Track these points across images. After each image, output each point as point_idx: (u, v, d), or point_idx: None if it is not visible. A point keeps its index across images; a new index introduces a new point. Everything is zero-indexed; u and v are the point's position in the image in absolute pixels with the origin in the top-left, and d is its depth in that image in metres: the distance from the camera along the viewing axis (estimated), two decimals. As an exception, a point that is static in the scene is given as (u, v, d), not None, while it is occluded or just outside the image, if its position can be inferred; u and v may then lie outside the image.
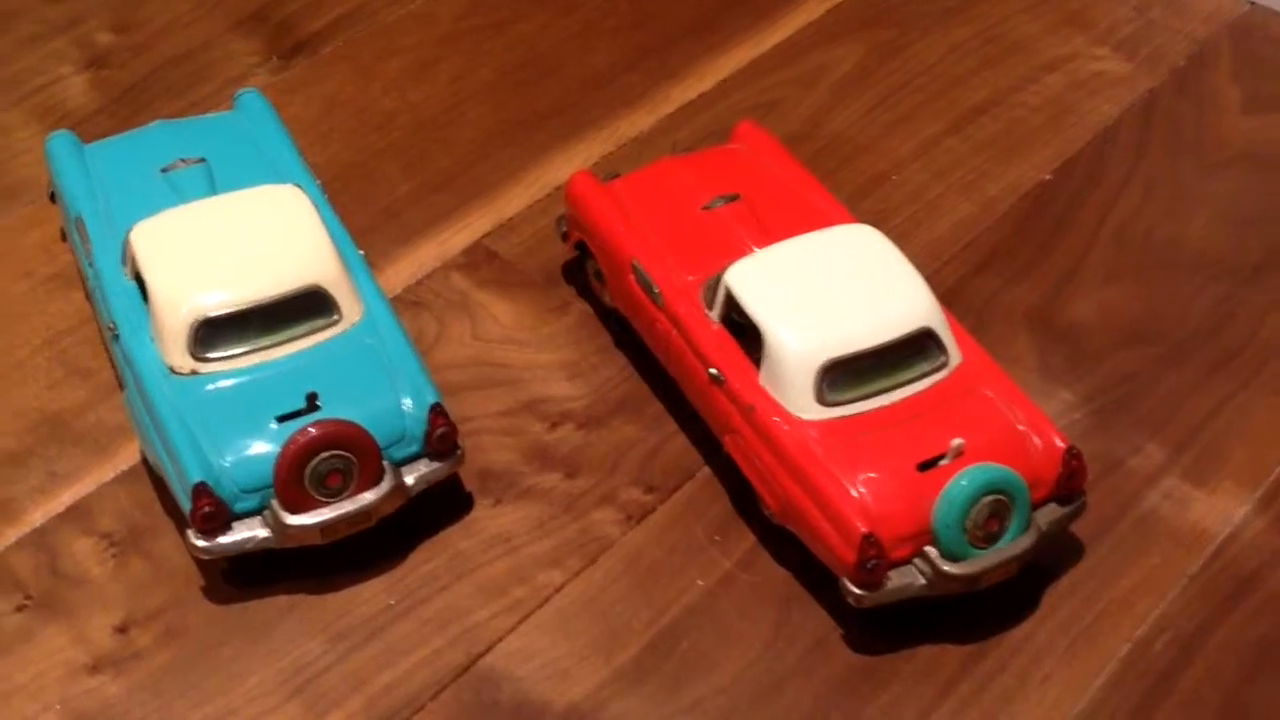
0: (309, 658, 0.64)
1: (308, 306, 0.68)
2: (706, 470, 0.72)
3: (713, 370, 0.68)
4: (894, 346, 0.65)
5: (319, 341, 0.68)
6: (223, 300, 0.66)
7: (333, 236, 0.71)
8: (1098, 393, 0.76)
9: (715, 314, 0.69)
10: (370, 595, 0.66)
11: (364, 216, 0.85)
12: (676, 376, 0.73)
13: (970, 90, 0.95)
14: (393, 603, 0.66)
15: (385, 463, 0.66)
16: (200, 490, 0.63)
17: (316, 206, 0.73)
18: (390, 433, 0.66)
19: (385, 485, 0.65)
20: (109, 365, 0.75)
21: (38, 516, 0.69)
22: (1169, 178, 0.88)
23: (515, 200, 0.87)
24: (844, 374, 0.65)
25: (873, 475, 0.63)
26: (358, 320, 0.69)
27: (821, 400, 0.65)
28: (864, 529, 0.61)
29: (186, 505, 0.63)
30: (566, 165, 0.88)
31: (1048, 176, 0.88)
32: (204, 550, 0.64)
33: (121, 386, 0.70)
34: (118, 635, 0.65)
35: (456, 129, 0.92)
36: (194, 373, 0.66)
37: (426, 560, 0.68)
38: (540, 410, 0.75)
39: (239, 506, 0.64)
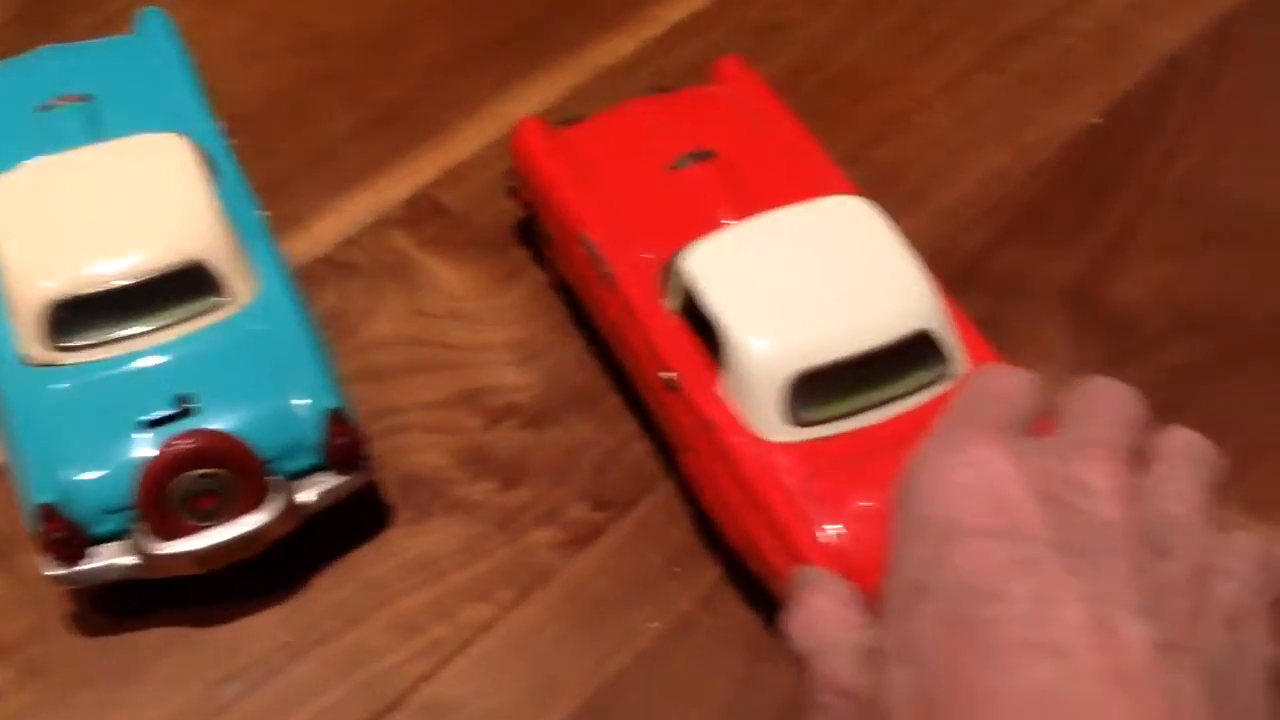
0: (184, 706, 0.56)
1: (187, 286, 0.59)
2: (670, 484, 0.63)
3: (666, 374, 0.58)
4: (883, 353, 0.56)
5: (199, 328, 0.59)
6: (82, 278, 0.57)
7: (227, 196, 0.62)
8: (1144, 394, 0.66)
9: (673, 303, 0.59)
10: (263, 631, 0.58)
11: (290, 158, 0.76)
12: (630, 373, 0.63)
13: (1011, 11, 0.83)
14: (289, 640, 0.58)
15: (272, 479, 0.57)
16: (48, 513, 0.54)
17: (210, 159, 0.64)
18: (280, 442, 0.57)
19: (271, 507, 0.57)
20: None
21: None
22: (1247, 123, 0.77)
23: (469, 141, 0.77)
24: (821, 387, 0.55)
25: (854, 514, 0.54)
26: (249, 302, 0.60)
27: (793, 419, 0.56)
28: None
29: (33, 528, 0.54)
30: (529, 100, 0.78)
31: (1097, 120, 0.78)
32: (58, 579, 0.55)
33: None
34: (-37, 673, 0.57)
35: (405, 53, 0.82)
36: (50, 364, 0.58)
37: (332, 589, 0.60)
38: (480, 402, 0.66)
39: (98, 529, 0.55)
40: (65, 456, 0.55)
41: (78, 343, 0.58)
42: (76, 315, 0.57)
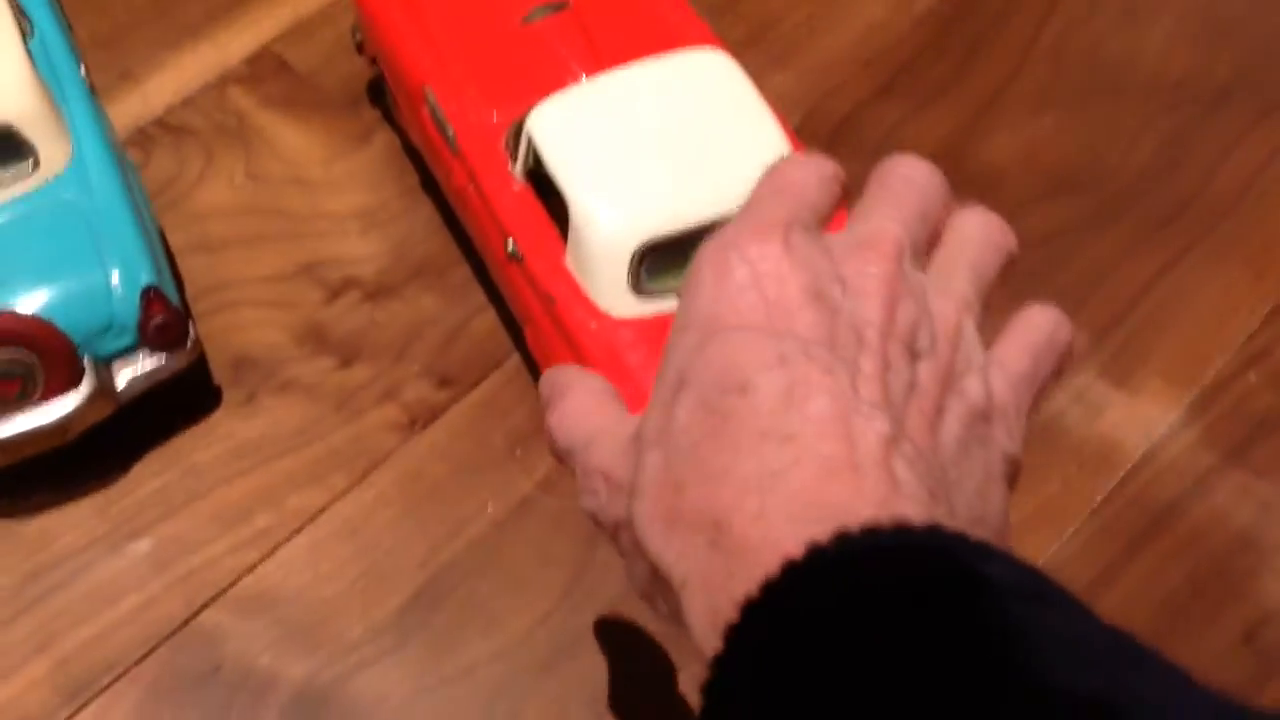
0: (-8, 603, 0.53)
1: (-9, 152, 0.55)
2: (517, 359, 0.60)
3: (510, 244, 0.55)
4: (737, 221, 0.53)
5: (5, 198, 0.55)
6: None
7: (43, 53, 0.58)
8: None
9: (518, 169, 0.56)
10: (75, 523, 0.56)
11: (124, 11, 0.71)
12: (475, 242, 0.60)
13: None
14: (104, 532, 0.56)
15: (85, 360, 0.54)
16: None
17: (25, 12, 0.59)
18: (92, 321, 0.54)
19: (82, 391, 0.54)
20: None
21: None
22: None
23: (316, -8, 0.73)
24: (669, 257, 0.53)
25: None
26: (61, 169, 0.56)
27: (638, 290, 0.53)
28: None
29: None
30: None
31: (979, -29, 0.74)
32: None
33: None
34: None
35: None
36: None
37: (152, 477, 0.57)
38: (320, 275, 0.63)
39: (-111, 418, 0.52)
40: None
41: None
42: None
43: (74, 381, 0.54)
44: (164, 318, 0.55)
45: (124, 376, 0.55)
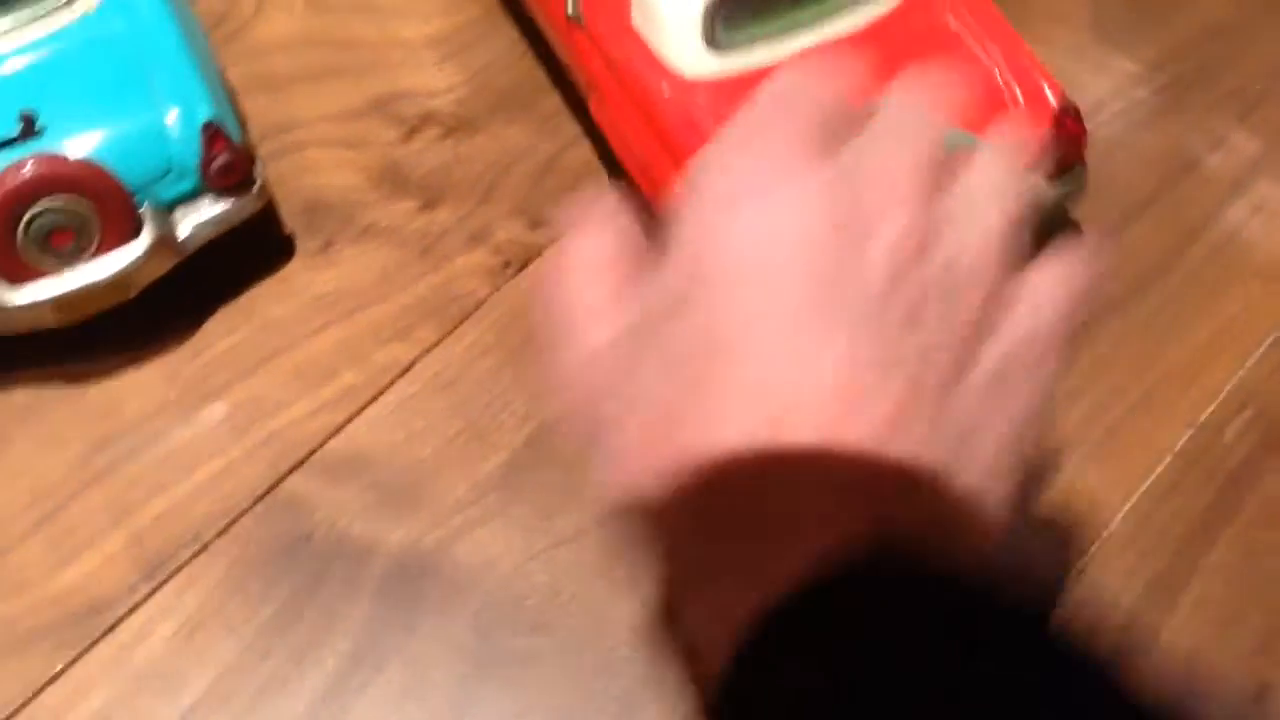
0: (53, 478, 0.50)
1: (29, -20, 0.51)
2: (618, 190, 0.56)
3: (570, 4, 0.52)
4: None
5: (47, 31, 0.51)
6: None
7: None
8: (1170, 59, 0.58)
9: (577, -78, 0.52)
10: (143, 387, 0.52)
11: None
12: (534, 14, 0.57)
13: None
14: (174, 397, 0.52)
15: (144, 209, 0.50)
16: None
17: None
18: (149, 164, 0.50)
19: (142, 242, 0.50)
20: None
21: None
22: None
23: None
24: (746, 5, 0.49)
25: None
26: (101, -3, 0.52)
27: (713, 45, 0.49)
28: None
29: None
30: None
31: None
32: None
33: None
34: None
35: None
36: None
37: (224, 335, 0.54)
38: (394, 110, 0.59)
39: (-69, 279, 0.49)
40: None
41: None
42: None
43: (133, 232, 0.50)
44: (228, 157, 0.51)
45: (187, 225, 0.51)
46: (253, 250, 0.54)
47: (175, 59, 0.52)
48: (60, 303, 0.50)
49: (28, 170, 0.48)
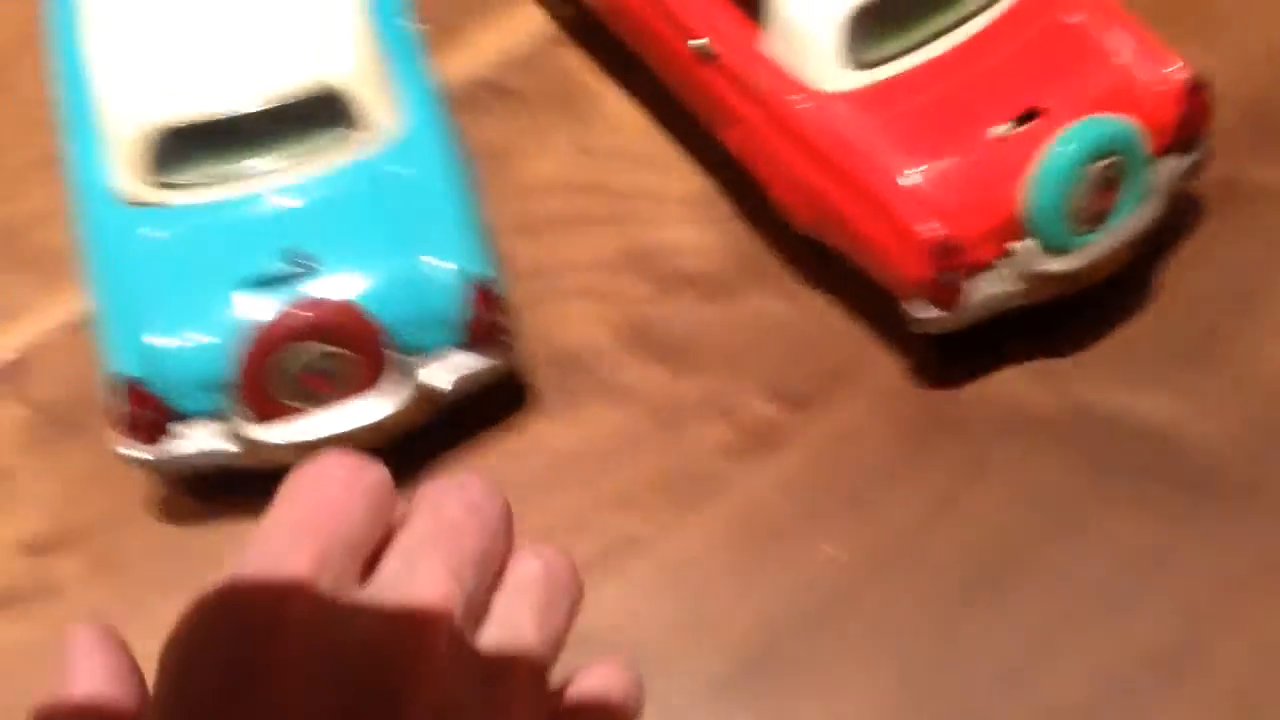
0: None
1: (314, 116, 0.51)
2: (878, 377, 0.54)
3: (696, 41, 0.54)
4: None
5: (327, 169, 0.51)
6: (192, 100, 0.50)
7: (371, 3, 0.53)
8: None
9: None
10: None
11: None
12: (651, 57, 0.58)
13: None
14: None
15: (399, 359, 0.49)
16: (129, 388, 0.48)
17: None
18: (411, 314, 0.50)
19: (397, 393, 0.50)
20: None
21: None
22: None
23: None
24: (878, 19, 0.51)
25: (934, 155, 0.50)
26: (390, 139, 0.52)
27: (852, 61, 0.51)
28: (932, 230, 0.49)
29: (110, 400, 0.49)
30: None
31: None
32: (135, 461, 0.50)
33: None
34: (31, 557, 0.52)
35: None
36: (146, 203, 0.51)
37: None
38: (653, 265, 0.58)
39: (185, 406, 0.49)
40: (154, 318, 0.49)
41: (180, 180, 0.51)
42: (182, 146, 0.50)
43: (390, 380, 0.50)
44: (495, 317, 0.50)
45: (447, 378, 0.51)
46: (490, 398, 0.53)
47: (452, 210, 0.52)
48: (309, 448, 0.50)
49: (301, 316, 0.48)
